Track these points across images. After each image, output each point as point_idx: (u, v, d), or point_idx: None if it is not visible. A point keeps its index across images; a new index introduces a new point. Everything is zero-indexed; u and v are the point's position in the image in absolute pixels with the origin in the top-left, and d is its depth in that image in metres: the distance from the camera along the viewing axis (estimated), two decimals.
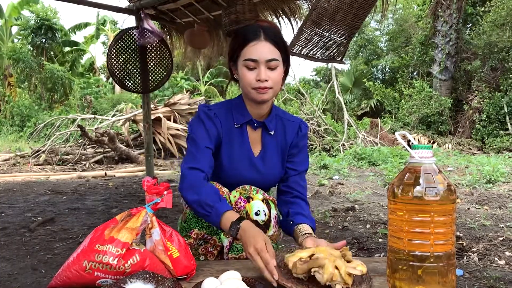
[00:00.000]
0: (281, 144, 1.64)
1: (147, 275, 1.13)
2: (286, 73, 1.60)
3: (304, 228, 1.47)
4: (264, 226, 1.47)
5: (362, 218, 3.70)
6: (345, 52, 3.67)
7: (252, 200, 1.47)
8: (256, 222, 1.44)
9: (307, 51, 3.41)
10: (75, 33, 22.71)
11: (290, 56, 1.62)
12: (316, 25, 3.26)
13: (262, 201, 1.48)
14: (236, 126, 1.58)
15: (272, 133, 1.62)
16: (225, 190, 1.52)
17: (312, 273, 1.11)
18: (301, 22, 4.30)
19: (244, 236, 1.25)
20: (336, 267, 1.10)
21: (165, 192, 1.27)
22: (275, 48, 1.48)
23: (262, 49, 1.46)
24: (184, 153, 8.74)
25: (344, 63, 3.96)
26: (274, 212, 1.52)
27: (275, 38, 1.49)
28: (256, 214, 1.46)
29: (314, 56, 3.47)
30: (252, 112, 1.59)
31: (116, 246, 1.18)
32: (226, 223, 1.31)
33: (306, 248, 1.23)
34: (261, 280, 1.16)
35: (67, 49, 22.50)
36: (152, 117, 7.65)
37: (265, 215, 1.47)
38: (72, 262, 1.18)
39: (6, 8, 20.49)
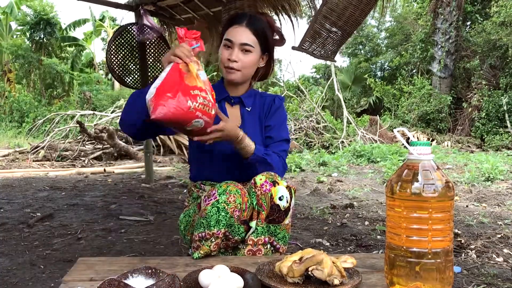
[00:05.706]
0: (258, 118, 1.74)
1: (149, 270, 1.13)
2: (268, 63, 1.74)
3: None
4: (284, 213, 1.51)
5: (360, 215, 3.71)
6: (338, 49, 3.67)
7: (278, 185, 1.51)
8: (278, 207, 1.49)
9: (315, 47, 3.40)
10: (74, 29, 22.58)
11: (274, 49, 1.75)
12: (326, 20, 3.27)
13: (286, 188, 1.52)
14: None
15: (249, 109, 1.73)
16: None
17: (309, 272, 1.11)
18: (301, 18, 4.30)
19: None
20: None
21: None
22: (253, 35, 1.62)
23: (239, 33, 1.62)
24: (184, 150, 8.77)
25: (335, 61, 3.98)
26: (293, 202, 1.56)
27: (256, 27, 1.63)
28: (280, 199, 1.49)
29: (319, 53, 3.46)
30: (230, 91, 1.73)
31: (204, 91, 1.31)
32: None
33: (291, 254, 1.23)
34: (249, 271, 1.17)
35: (66, 44, 22.41)
36: None
37: (287, 202, 1.51)
38: (177, 101, 1.25)
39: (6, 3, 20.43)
